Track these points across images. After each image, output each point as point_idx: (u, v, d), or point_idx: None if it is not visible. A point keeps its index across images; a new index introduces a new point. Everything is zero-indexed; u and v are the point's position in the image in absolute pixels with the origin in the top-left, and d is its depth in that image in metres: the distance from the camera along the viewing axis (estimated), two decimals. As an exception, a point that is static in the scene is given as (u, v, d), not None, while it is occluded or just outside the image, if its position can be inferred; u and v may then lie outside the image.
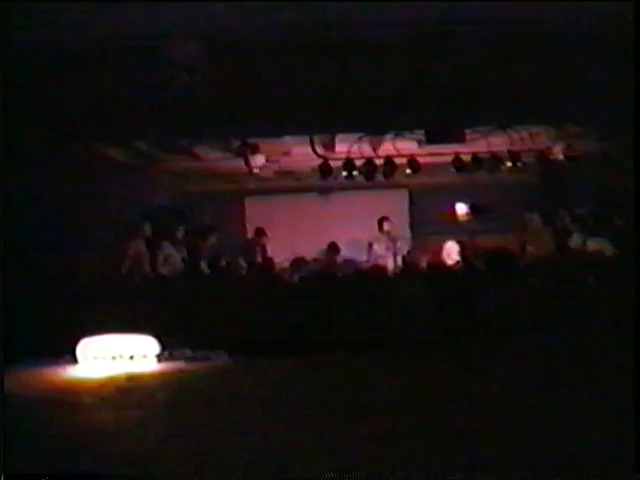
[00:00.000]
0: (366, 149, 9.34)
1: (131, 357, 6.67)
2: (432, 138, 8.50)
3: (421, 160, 9.63)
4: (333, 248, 10.05)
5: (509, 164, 9.61)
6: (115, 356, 6.67)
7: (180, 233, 8.85)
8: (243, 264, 8.99)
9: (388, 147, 9.30)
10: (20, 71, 5.73)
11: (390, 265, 9.60)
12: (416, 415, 4.30)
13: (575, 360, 5.66)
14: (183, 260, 8.60)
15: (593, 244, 8.18)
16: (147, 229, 8.33)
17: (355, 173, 9.52)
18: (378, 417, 4.26)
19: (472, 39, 6.02)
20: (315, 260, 9.48)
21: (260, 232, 10.40)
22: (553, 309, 7.00)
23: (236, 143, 9.10)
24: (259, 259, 9.84)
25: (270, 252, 10.16)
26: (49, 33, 5.37)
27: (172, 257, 8.42)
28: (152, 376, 6.11)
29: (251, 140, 9.05)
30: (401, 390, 5.02)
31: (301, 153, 9.57)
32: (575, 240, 8.58)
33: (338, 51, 6.26)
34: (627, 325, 4.58)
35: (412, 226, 12.29)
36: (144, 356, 6.65)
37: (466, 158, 9.61)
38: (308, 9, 5.20)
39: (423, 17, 5.44)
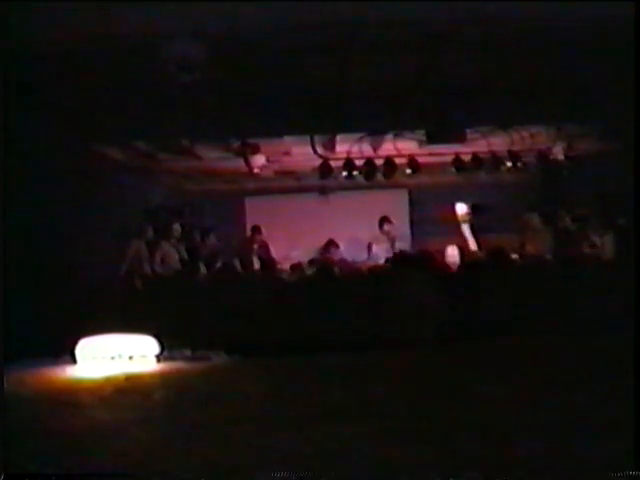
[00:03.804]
0: (366, 149, 9.34)
1: (130, 357, 6.67)
2: (432, 138, 8.49)
3: (421, 160, 9.62)
4: (333, 244, 10.06)
5: (509, 164, 9.60)
6: (114, 356, 6.67)
7: (177, 232, 8.80)
8: (237, 264, 8.94)
9: (388, 147, 9.29)
10: (20, 71, 5.73)
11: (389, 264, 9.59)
12: (416, 415, 4.30)
13: (575, 360, 5.66)
14: (181, 260, 8.58)
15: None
16: (149, 232, 8.34)
17: (355, 173, 9.52)
18: (378, 417, 4.26)
19: (472, 39, 6.02)
20: (314, 261, 9.45)
21: (256, 230, 10.35)
22: (553, 309, 7.00)
23: (236, 143, 9.10)
24: (255, 258, 9.78)
25: (269, 251, 10.13)
26: (49, 33, 5.37)
27: (169, 256, 8.40)
28: (151, 376, 6.11)
29: (251, 140, 9.04)
30: (401, 390, 5.02)
31: (301, 153, 9.56)
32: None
33: (338, 51, 6.26)
34: (627, 324, 4.58)
35: (412, 226, 12.29)
36: (143, 356, 6.65)
37: (466, 158, 9.60)
38: (308, 9, 5.21)
39: (423, 17, 5.44)
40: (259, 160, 9.56)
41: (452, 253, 9.48)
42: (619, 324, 5.45)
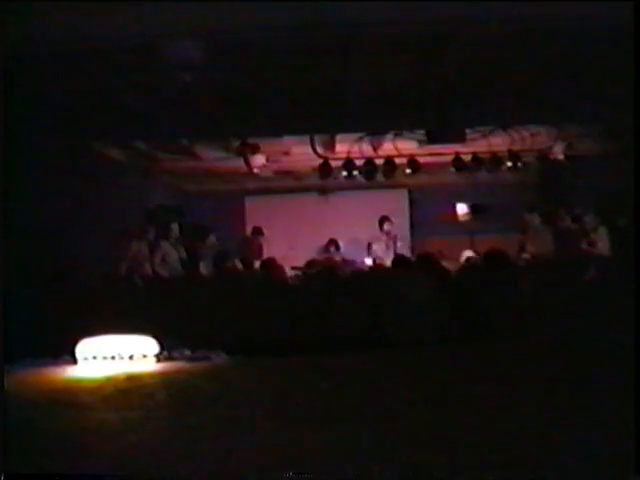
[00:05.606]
0: (366, 149, 9.34)
1: (131, 357, 6.67)
2: (432, 138, 8.50)
3: (421, 160, 9.63)
4: (333, 244, 10.07)
5: (509, 164, 9.62)
6: (115, 356, 6.66)
7: (175, 231, 8.79)
8: (238, 265, 8.94)
9: (388, 147, 9.30)
10: (20, 71, 5.73)
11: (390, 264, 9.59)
12: (416, 415, 4.30)
13: (575, 360, 5.65)
14: (181, 260, 8.58)
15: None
16: (150, 232, 8.34)
17: (355, 173, 9.53)
18: (378, 417, 4.25)
19: (472, 39, 6.02)
20: (315, 262, 9.44)
21: (257, 231, 10.36)
22: (553, 309, 7.00)
23: (236, 143, 9.10)
24: (256, 259, 9.79)
25: (269, 251, 10.13)
26: (48, 33, 5.37)
27: (169, 257, 8.40)
28: (152, 376, 6.10)
29: (251, 140, 9.05)
30: (401, 390, 5.02)
31: (301, 153, 9.57)
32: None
33: (338, 51, 6.27)
34: (627, 325, 4.57)
35: (412, 226, 12.30)
36: (144, 356, 6.65)
37: (466, 158, 9.61)
38: (308, 9, 5.21)
39: (423, 17, 5.44)
40: (259, 160, 9.58)
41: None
42: (619, 323, 5.44)
